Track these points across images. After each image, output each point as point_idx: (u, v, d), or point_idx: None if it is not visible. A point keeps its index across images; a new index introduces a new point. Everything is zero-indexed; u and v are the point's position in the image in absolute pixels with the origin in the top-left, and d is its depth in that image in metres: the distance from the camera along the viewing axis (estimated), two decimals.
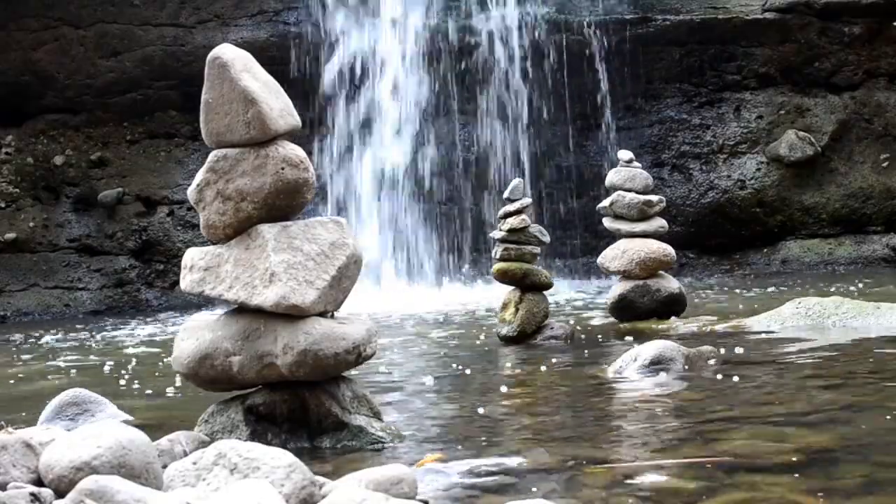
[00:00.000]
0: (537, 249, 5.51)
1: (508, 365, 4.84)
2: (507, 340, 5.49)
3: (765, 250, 11.03)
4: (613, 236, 6.16)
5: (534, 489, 2.37)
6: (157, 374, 5.15)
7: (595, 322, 6.39)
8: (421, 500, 2.18)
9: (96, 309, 10.49)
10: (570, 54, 10.99)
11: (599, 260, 6.14)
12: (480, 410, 3.45)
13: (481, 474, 2.53)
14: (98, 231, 10.87)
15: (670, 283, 6.06)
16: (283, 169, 2.92)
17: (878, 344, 4.49)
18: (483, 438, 3.03)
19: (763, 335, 5.12)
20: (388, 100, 10.93)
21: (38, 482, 2.08)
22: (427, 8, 11.04)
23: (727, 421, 3.04)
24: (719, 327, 5.53)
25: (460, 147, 11.08)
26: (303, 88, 10.45)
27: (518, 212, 5.44)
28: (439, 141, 11.02)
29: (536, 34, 11.05)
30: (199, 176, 2.98)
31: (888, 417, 2.97)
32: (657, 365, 4.07)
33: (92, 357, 6.28)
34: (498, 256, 5.48)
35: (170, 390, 4.40)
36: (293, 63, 10.72)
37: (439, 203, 10.96)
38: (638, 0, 11.15)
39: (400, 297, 9.36)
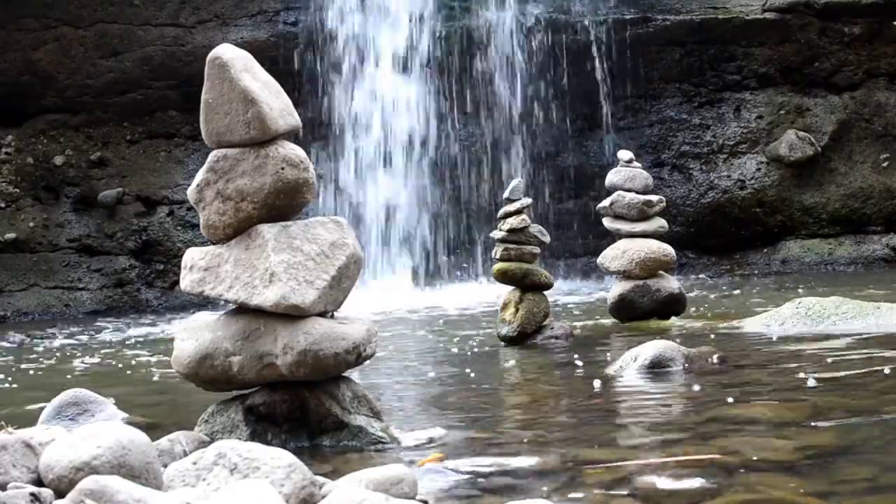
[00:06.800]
0: (537, 249, 5.51)
1: (508, 365, 4.84)
2: (507, 340, 5.49)
3: (765, 250, 11.03)
4: (613, 236, 6.16)
5: (534, 489, 2.37)
6: (154, 373, 5.15)
7: (595, 322, 6.39)
8: (421, 500, 2.18)
9: (96, 309, 10.49)
10: (570, 54, 10.99)
11: (599, 260, 6.14)
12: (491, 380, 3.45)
13: (481, 474, 2.53)
14: (98, 231, 10.87)
15: (670, 283, 6.06)
16: (283, 169, 2.92)
17: (878, 344, 4.49)
18: (483, 438, 3.03)
19: (763, 335, 5.12)
20: (387, 99, 10.93)
21: (38, 482, 2.08)
22: (427, 7, 11.04)
23: (727, 421, 3.04)
24: (719, 327, 5.53)
25: (460, 147, 11.08)
26: (301, 88, 10.46)
27: (518, 212, 5.44)
28: (439, 141, 11.02)
29: (536, 34, 11.04)
30: (199, 176, 2.99)
31: (888, 418, 2.97)
32: (657, 365, 4.07)
33: (92, 356, 6.28)
34: (498, 256, 5.48)
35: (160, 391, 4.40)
36: (293, 62, 10.72)
37: (439, 202, 10.96)
38: (638, 0, 11.15)
39: (399, 297, 9.36)
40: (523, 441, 3.00)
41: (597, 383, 3.83)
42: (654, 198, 6.06)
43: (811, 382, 3.48)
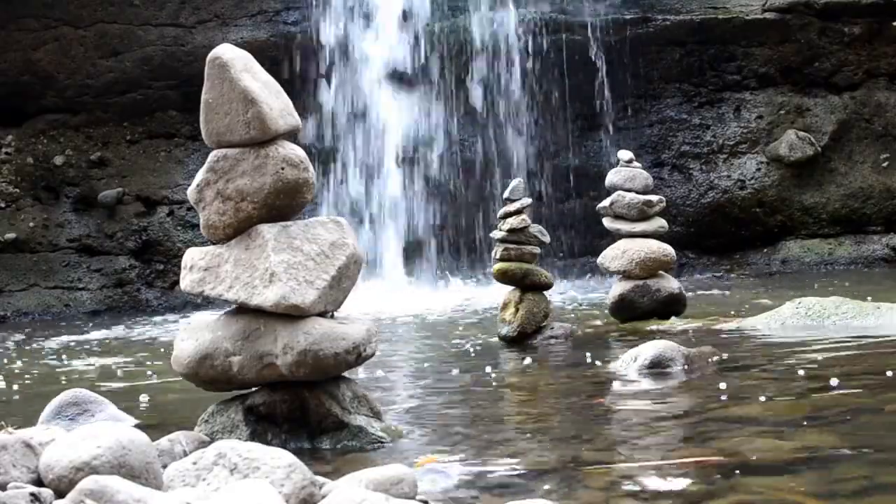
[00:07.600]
0: (537, 249, 5.51)
1: (508, 365, 4.83)
2: (507, 340, 5.49)
3: (765, 250, 11.02)
4: (613, 236, 6.16)
5: (534, 489, 2.36)
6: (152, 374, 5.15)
7: (595, 322, 6.39)
8: (421, 500, 2.18)
9: (96, 309, 10.49)
10: (570, 54, 10.98)
11: (599, 260, 6.14)
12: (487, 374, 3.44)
13: (481, 474, 2.53)
14: (98, 231, 10.86)
15: (670, 283, 6.06)
16: (283, 169, 2.92)
17: (877, 344, 4.49)
18: (483, 438, 3.03)
19: (763, 335, 5.12)
20: (386, 99, 10.93)
21: (38, 482, 2.08)
22: (427, 8, 11.03)
23: (727, 421, 3.04)
24: (719, 327, 5.53)
25: (459, 147, 11.07)
26: (301, 89, 10.46)
27: (518, 212, 5.44)
28: (438, 141, 11.01)
29: (536, 34, 11.04)
30: (199, 176, 2.99)
31: (888, 418, 2.97)
32: (657, 365, 4.07)
33: (91, 357, 6.28)
34: (498, 256, 5.48)
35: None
36: (293, 62, 10.73)
37: (439, 202, 10.95)
38: (638, 0, 11.15)
39: (399, 297, 9.36)
40: (523, 441, 3.00)
41: (615, 385, 3.83)
42: (654, 198, 6.06)
43: (833, 381, 3.46)
